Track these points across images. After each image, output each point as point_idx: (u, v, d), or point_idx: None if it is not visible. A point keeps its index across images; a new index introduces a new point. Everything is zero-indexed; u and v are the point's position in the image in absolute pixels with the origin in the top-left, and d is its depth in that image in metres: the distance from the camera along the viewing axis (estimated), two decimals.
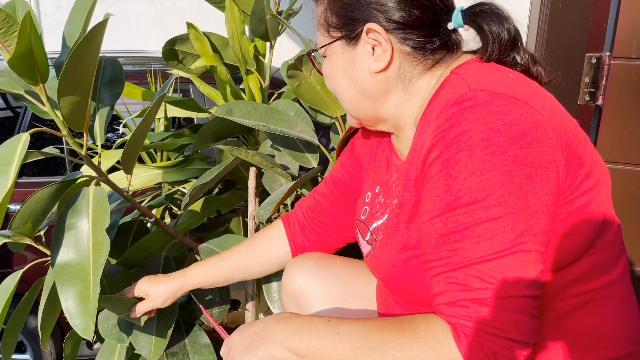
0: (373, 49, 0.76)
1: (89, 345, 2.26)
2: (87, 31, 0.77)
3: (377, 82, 0.78)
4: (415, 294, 0.77)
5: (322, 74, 0.86)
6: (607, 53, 1.09)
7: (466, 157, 0.63)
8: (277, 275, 1.26)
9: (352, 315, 0.98)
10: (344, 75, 0.80)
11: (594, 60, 1.09)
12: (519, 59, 0.77)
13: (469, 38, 0.79)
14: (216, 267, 1.07)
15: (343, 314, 0.99)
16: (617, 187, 1.12)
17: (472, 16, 0.75)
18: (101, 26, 0.76)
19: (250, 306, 1.31)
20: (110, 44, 3.20)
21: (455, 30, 0.78)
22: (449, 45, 0.77)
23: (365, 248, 0.91)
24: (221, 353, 0.81)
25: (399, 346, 0.65)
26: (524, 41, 1.31)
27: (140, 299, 1.07)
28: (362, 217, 0.93)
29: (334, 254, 1.11)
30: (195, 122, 2.16)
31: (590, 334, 0.72)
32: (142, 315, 1.08)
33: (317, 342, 0.69)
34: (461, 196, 0.64)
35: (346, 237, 1.07)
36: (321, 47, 0.82)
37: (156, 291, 1.06)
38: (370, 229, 0.89)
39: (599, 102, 1.11)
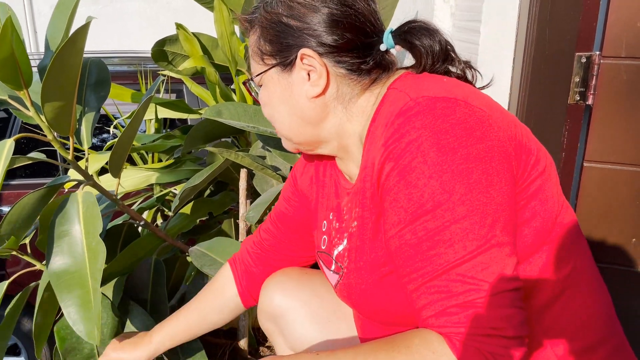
0: (308, 74, 0.76)
1: None
2: (70, 34, 0.76)
3: (316, 106, 0.78)
4: (392, 314, 0.76)
5: (259, 103, 0.85)
6: (597, 52, 1.08)
7: (421, 163, 0.64)
8: None
9: (337, 337, 0.96)
10: (281, 102, 0.79)
11: (583, 60, 1.09)
12: (452, 69, 0.79)
13: (402, 57, 0.79)
14: (178, 326, 1.03)
15: (327, 336, 0.96)
16: (607, 187, 1.11)
17: (402, 35, 0.76)
18: (83, 29, 0.76)
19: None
20: (104, 44, 3.20)
21: (387, 50, 0.79)
22: (384, 65, 0.78)
23: (332, 279, 0.88)
24: None
25: None
26: (513, 41, 1.31)
27: None
28: (323, 247, 0.91)
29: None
30: (189, 123, 2.15)
31: (571, 324, 0.73)
32: None
33: None
34: (424, 202, 0.63)
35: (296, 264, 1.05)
36: (256, 75, 0.81)
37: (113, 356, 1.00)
38: (334, 257, 0.87)
39: (589, 101, 1.10)
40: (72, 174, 1.13)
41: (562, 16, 1.12)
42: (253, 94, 0.87)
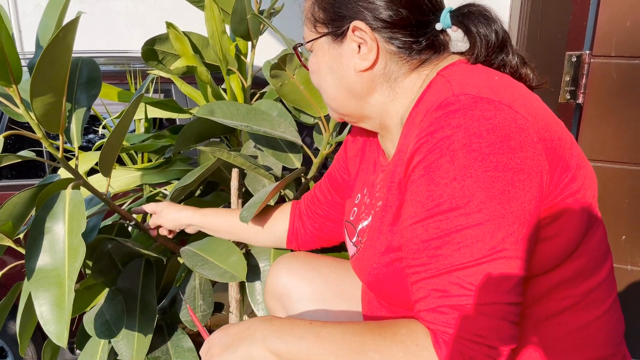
0: (359, 46, 0.75)
1: (72, 350, 2.22)
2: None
3: (363, 80, 0.77)
4: (398, 296, 0.77)
5: (307, 69, 0.85)
6: (587, 51, 1.09)
7: (448, 163, 0.63)
8: (261, 277, 1.25)
9: (338, 316, 0.98)
10: (329, 72, 0.80)
11: (574, 59, 1.10)
12: (507, 61, 0.76)
13: (458, 39, 0.78)
14: (225, 218, 1.15)
15: (328, 315, 0.98)
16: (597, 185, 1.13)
17: (460, 17, 0.74)
18: (72, 25, 0.75)
19: (234, 308, 1.30)
20: (91, 44, 3.16)
21: (443, 30, 0.77)
22: (436, 45, 0.76)
23: (351, 249, 0.91)
24: (201, 352, 0.80)
25: (379, 349, 0.65)
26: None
27: None
28: (351, 218, 0.93)
29: (330, 248, 1.13)
30: (178, 123, 2.13)
31: (570, 337, 0.72)
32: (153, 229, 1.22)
33: (298, 343, 0.69)
34: (442, 202, 0.63)
35: (342, 232, 1.07)
36: (307, 42, 0.81)
37: (167, 211, 1.18)
38: (357, 230, 0.88)
39: (580, 100, 1.12)
40: (62, 173, 1.11)
41: (553, 16, 1.14)
42: (302, 59, 0.88)
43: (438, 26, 0.75)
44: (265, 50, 1.84)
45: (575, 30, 1.09)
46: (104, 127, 1.71)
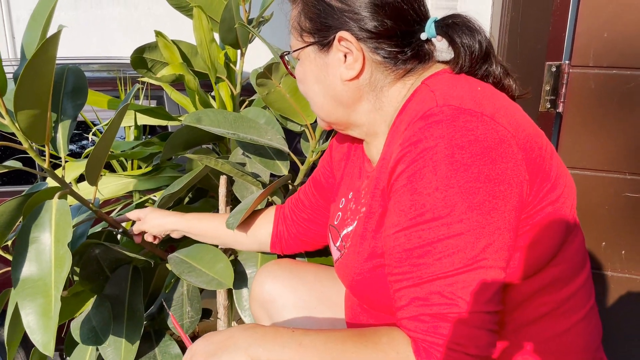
0: (345, 56, 0.76)
1: (61, 356, 2.22)
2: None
3: (349, 89, 0.78)
4: (381, 301, 0.78)
5: (294, 77, 0.86)
6: (566, 62, 1.11)
7: (430, 173, 0.64)
8: (248, 284, 1.26)
9: (322, 323, 0.99)
10: (315, 81, 0.80)
11: (553, 69, 1.12)
12: (491, 71, 0.77)
13: (442, 49, 0.79)
14: (210, 222, 1.16)
15: (312, 322, 0.99)
16: (577, 192, 1.14)
17: (444, 28, 0.75)
18: (55, 38, 0.76)
19: (222, 315, 1.31)
20: (84, 50, 3.17)
21: (428, 40, 0.78)
22: (421, 55, 0.77)
23: (335, 254, 0.92)
24: (184, 359, 0.80)
25: (360, 357, 0.66)
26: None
27: None
28: (335, 223, 0.94)
29: (314, 252, 1.14)
30: (170, 130, 2.14)
31: (550, 343, 0.73)
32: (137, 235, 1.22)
33: (280, 351, 0.69)
34: (425, 212, 0.64)
35: (326, 236, 1.08)
36: (294, 51, 0.82)
37: (151, 216, 1.17)
38: (341, 235, 0.90)
39: (560, 109, 1.13)
40: (50, 182, 1.12)
41: (533, 27, 1.16)
42: (289, 67, 0.88)
43: (423, 36, 0.76)
44: (255, 57, 1.85)
45: (555, 41, 1.11)
46: (94, 134, 1.71)
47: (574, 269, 0.74)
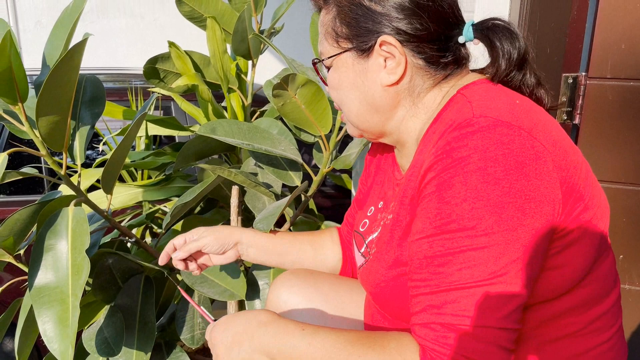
0: (385, 61, 0.74)
1: None
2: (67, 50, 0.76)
3: (388, 95, 0.76)
4: (402, 310, 0.77)
5: (326, 84, 0.83)
6: (583, 73, 1.11)
7: (460, 183, 0.62)
8: (260, 296, 1.25)
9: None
10: (352, 87, 0.78)
11: (570, 80, 1.12)
12: (525, 81, 0.75)
13: (477, 55, 0.78)
14: (269, 239, 1.05)
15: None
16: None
17: (484, 31, 0.74)
18: (80, 46, 0.76)
19: None
20: (91, 61, 3.18)
21: (464, 44, 0.76)
22: (459, 60, 0.76)
23: (359, 260, 0.91)
24: (206, 336, 0.82)
25: (367, 358, 0.66)
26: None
27: None
28: (361, 230, 0.92)
29: None
30: (177, 140, 2.15)
31: None
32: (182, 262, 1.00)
33: (291, 351, 0.71)
34: (451, 221, 0.63)
35: None
36: (329, 57, 0.78)
37: (209, 230, 1.01)
38: (366, 242, 0.88)
39: (576, 120, 1.13)
40: (63, 189, 1.12)
41: (549, 38, 1.16)
42: (321, 74, 0.84)
43: (461, 39, 0.75)
44: (265, 68, 1.86)
45: (572, 52, 1.11)
46: (104, 144, 1.71)
47: (603, 290, 0.72)
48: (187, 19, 1.52)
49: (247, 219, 1.42)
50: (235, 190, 1.35)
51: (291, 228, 1.41)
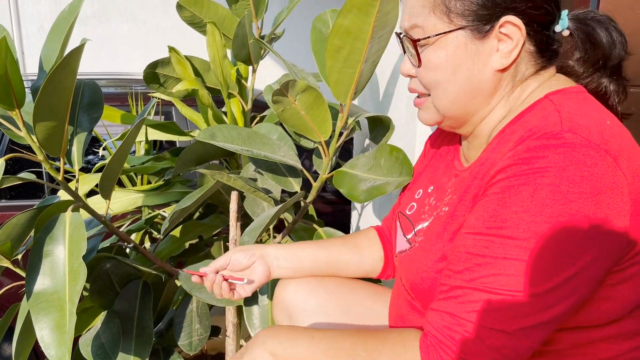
0: (498, 42, 0.68)
1: None
2: (64, 55, 0.76)
3: (494, 80, 0.70)
4: (431, 301, 0.76)
5: (415, 64, 0.74)
6: None
7: (528, 193, 0.60)
8: (259, 302, 1.24)
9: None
10: (458, 69, 0.70)
11: None
12: (611, 86, 0.72)
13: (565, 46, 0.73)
14: (303, 249, 0.99)
15: (331, 328, 0.97)
16: None
17: (582, 21, 0.70)
18: (77, 51, 0.76)
19: (231, 332, 1.29)
20: (93, 66, 3.19)
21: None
22: (558, 51, 0.72)
23: (401, 244, 0.87)
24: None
25: (368, 347, 0.67)
26: None
27: None
28: (408, 213, 0.89)
29: None
30: (178, 145, 2.15)
31: None
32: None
33: (294, 342, 0.71)
34: (504, 227, 0.61)
35: None
36: (436, 35, 0.69)
37: (252, 251, 0.96)
38: (415, 229, 0.84)
39: None
40: (62, 194, 1.11)
41: None
42: (407, 52, 0.75)
43: (557, 28, 0.70)
44: (266, 73, 1.86)
45: None
46: (104, 149, 1.71)
47: None
48: (187, 24, 1.52)
49: (247, 225, 1.42)
50: (234, 196, 1.35)
51: (290, 234, 1.41)
